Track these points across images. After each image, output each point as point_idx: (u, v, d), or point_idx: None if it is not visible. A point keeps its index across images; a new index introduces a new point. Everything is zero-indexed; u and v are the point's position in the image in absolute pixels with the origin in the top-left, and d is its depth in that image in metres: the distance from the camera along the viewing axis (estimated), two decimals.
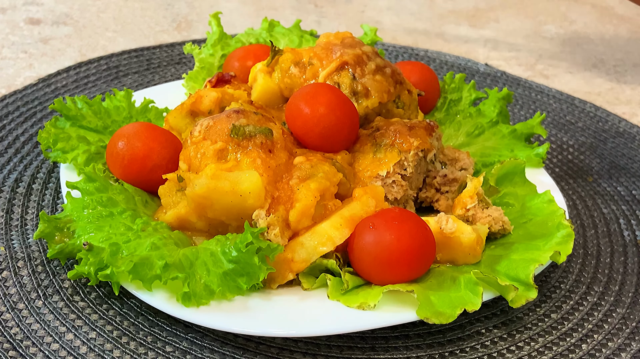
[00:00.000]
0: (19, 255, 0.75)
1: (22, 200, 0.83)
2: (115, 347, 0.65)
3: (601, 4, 1.70)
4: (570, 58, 1.41)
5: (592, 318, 0.75)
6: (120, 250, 0.66)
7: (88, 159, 0.80)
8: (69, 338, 0.66)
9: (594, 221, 0.90)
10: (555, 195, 0.81)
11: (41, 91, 1.07)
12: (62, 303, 0.69)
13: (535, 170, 0.88)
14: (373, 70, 0.84)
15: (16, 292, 0.70)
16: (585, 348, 0.71)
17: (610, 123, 1.15)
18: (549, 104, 1.20)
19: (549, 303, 0.76)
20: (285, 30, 1.11)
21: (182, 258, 0.66)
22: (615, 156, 1.06)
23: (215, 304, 0.64)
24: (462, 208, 0.76)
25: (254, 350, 0.66)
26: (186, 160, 0.74)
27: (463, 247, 0.71)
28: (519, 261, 0.70)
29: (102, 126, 0.86)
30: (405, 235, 0.66)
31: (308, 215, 0.69)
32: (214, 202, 0.69)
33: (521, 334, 0.72)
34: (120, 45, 1.28)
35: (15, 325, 0.66)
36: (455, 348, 0.69)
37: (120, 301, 0.70)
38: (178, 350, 0.66)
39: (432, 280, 0.69)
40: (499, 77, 1.27)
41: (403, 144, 0.78)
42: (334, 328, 0.64)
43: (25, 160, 0.90)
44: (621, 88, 1.30)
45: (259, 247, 0.64)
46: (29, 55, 1.21)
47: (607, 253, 0.85)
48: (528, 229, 0.76)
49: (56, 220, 0.70)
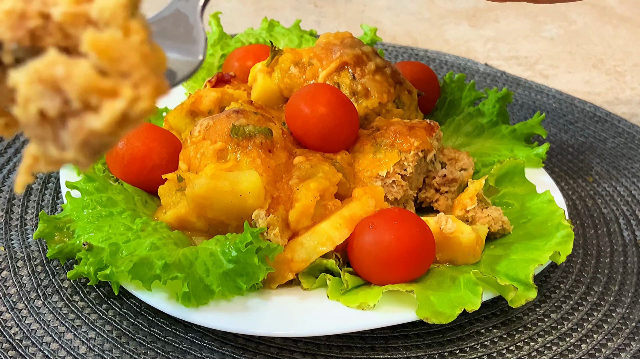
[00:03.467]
0: (18, 254, 0.75)
1: (21, 200, 0.83)
2: (114, 347, 0.65)
3: (601, 4, 1.70)
4: (570, 58, 1.41)
5: (591, 318, 0.75)
6: (119, 249, 0.66)
7: None
8: (68, 338, 0.66)
9: (593, 221, 0.90)
10: (554, 195, 0.81)
11: None
12: (62, 302, 0.69)
13: (535, 170, 0.88)
14: (373, 71, 0.84)
15: (16, 292, 0.70)
16: (585, 348, 0.71)
17: (610, 123, 1.15)
18: (549, 104, 1.20)
19: (549, 303, 0.76)
20: (285, 30, 1.11)
21: (182, 258, 0.66)
22: (615, 156, 1.06)
23: (215, 304, 0.64)
24: (462, 209, 0.76)
25: (253, 350, 0.66)
26: (186, 160, 0.74)
27: (462, 247, 0.71)
28: (518, 261, 0.70)
29: None
30: (405, 235, 0.66)
31: (308, 215, 0.69)
32: (214, 202, 0.69)
33: (521, 334, 0.72)
34: None
35: (15, 325, 0.66)
36: (455, 348, 0.69)
37: (119, 301, 0.70)
38: (177, 350, 0.66)
39: (432, 280, 0.69)
40: (499, 77, 1.27)
41: (403, 144, 0.78)
42: (334, 328, 0.64)
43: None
44: (621, 88, 1.30)
45: (259, 247, 0.64)
46: None
47: (606, 253, 0.85)
48: (528, 229, 0.76)
49: (56, 220, 0.70)
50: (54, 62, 0.31)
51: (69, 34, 0.33)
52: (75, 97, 0.31)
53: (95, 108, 0.31)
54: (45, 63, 0.31)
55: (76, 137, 0.32)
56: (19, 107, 0.32)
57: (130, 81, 0.31)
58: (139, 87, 0.31)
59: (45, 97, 0.31)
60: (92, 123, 0.31)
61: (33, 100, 0.31)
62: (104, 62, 0.31)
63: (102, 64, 0.31)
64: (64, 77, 0.31)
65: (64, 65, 0.31)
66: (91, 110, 0.31)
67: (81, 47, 0.31)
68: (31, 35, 0.33)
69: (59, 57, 0.31)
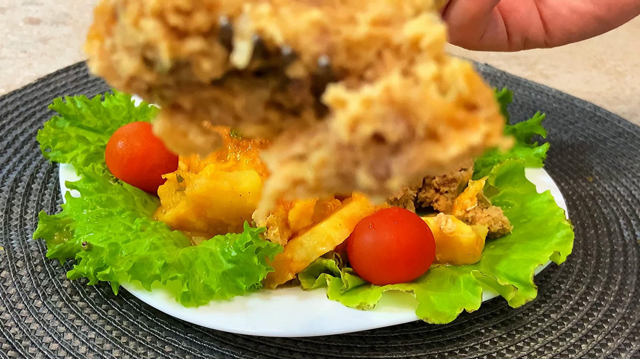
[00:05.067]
0: (18, 254, 0.75)
1: (21, 200, 0.83)
2: (114, 347, 0.65)
3: None
4: (570, 58, 1.41)
5: (591, 318, 0.75)
6: (119, 249, 0.66)
7: (87, 159, 0.80)
8: (68, 338, 0.66)
9: (593, 221, 0.90)
10: (555, 195, 0.81)
11: (40, 91, 1.07)
12: (61, 303, 0.69)
13: (535, 170, 0.88)
14: None
15: (15, 292, 0.70)
16: (585, 348, 0.71)
17: (610, 123, 1.15)
18: (549, 104, 1.20)
19: (549, 303, 0.76)
20: None
21: (182, 258, 0.66)
22: (615, 156, 1.06)
23: (215, 304, 0.64)
24: (462, 210, 0.76)
25: (253, 350, 0.66)
26: (185, 160, 0.74)
27: (462, 247, 0.71)
28: (518, 261, 0.70)
29: (102, 126, 0.86)
30: (405, 235, 0.66)
31: (307, 215, 0.69)
32: (214, 202, 0.69)
33: (521, 335, 0.72)
34: None
35: (15, 325, 0.66)
36: (455, 348, 0.69)
37: (119, 301, 0.70)
38: (177, 350, 0.66)
39: (432, 280, 0.69)
40: (499, 77, 1.27)
41: None
42: (334, 328, 0.64)
43: (24, 160, 0.90)
44: (621, 88, 1.30)
45: (259, 247, 0.64)
46: (28, 55, 1.21)
47: (606, 253, 0.85)
48: (528, 229, 0.76)
49: (55, 220, 0.70)
50: (406, 84, 0.29)
51: (357, 55, 0.31)
52: (425, 125, 0.29)
53: (437, 138, 0.29)
54: (399, 85, 0.29)
55: (413, 166, 0.30)
56: (339, 128, 0.29)
57: (483, 115, 0.29)
58: (492, 123, 0.29)
59: (388, 120, 0.29)
60: (438, 154, 0.29)
61: (370, 121, 0.29)
62: (468, 92, 0.29)
63: (463, 95, 0.29)
64: (417, 103, 0.29)
65: (418, 90, 0.29)
66: (431, 139, 0.29)
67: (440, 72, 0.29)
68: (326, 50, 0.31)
69: (409, 81, 0.29)
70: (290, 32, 0.30)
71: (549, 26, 0.77)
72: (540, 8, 0.78)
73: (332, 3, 0.32)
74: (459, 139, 0.29)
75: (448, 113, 0.29)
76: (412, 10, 0.32)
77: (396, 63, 0.30)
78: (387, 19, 0.31)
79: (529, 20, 0.77)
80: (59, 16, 1.37)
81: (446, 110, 0.29)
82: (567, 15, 0.76)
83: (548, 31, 0.78)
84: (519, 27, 0.78)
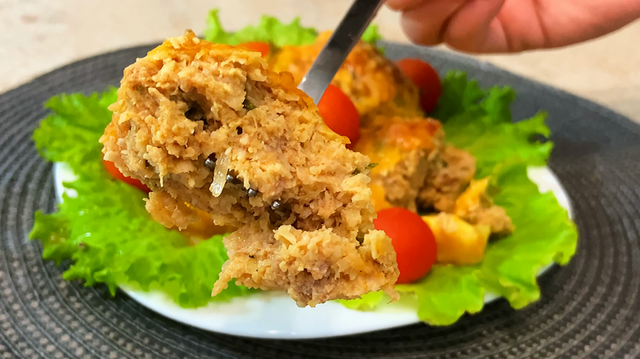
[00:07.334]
0: (14, 255, 0.74)
1: (17, 200, 0.82)
2: (111, 349, 0.64)
3: None
4: (572, 56, 1.40)
5: (595, 320, 0.74)
6: (116, 250, 0.65)
7: (84, 158, 0.79)
8: (64, 340, 0.65)
9: (597, 221, 0.89)
10: (557, 194, 0.80)
11: (37, 89, 1.06)
12: (58, 304, 0.69)
13: (538, 170, 0.87)
14: (373, 69, 0.83)
15: (11, 293, 0.69)
16: (588, 350, 0.70)
17: (614, 122, 1.14)
18: (552, 103, 1.19)
19: (552, 304, 0.75)
20: (284, 28, 1.11)
21: (180, 258, 0.65)
22: (619, 155, 1.05)
23: (213, 305, 0.63)
24: (464, 210, 0.76)
25: (252, 352, 0.66)
26: None
27: (464, 247, 0.70)
28: (521, 261, 0.69)
29: (99, 124, 0.85)
30: (406, 236, 0.66)
31: None
32: None
33: (523, 336, 0.71)
34: (116, 43, 1.27)
35: (10, 326, 0.66)
36: (457, 350, 0.68)
37: (116, 303, 0.69)
38: (175, 352, 0.65)
39: (433, 281, 0.68)
40: (501, 76, 1.26)
41: (404, 143, 0.77)
42: (334, 329, 0.63)
43: (20, 159, 0.89)
44: (624, 87, 1.29)
45: None
46: (24, 53, 1.20)
47: (610, 254, 0.84)
48: (530, 229, 0.75)
49: (52, 220, 0.69)
50: (335, 241, 0.42)
51: (305, 193, 0.44)
52: (341, 271, 0.42)
53: (348, 280, 0.42)
54: (328, 241, 0.41)
55: (326, 296, 0.43)
56: (281, 258, 0.42)
57: (384, 270, 0.43)
58: (389, 277, 0.43)
59: (315, 265, 0.42)
60: (346, 291, 0.42)
61: (302, 262, 0.41)
62: (376, 255, 0.42)
63: (375, 256, 0.42)
64: (338, 257, 0.42)
65: (340, 247, 0.42)
66: (344, 280, 0.43)
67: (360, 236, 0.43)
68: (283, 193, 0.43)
69: (336, 237, 0.42)
70: (255, 179, 0.42)
71: (549, 33, 0.80)
72: (540, 15, 0.80)
73: (294, 147, 0.44)
74: (363, 285, 0.42)
75: (359, 266, 0.42)
76: (352, 168, 0.44)
77: (333, 203, 0.44)
78: (332, 171, 0.44)
79: (529, 28, 0.80)
80: (55, 14, 1.36)
81: (358, 265, 0.42)
82: (567, 24, 0.79)
83: (548, 37, 0.81)
84: (518, 34, 0.81)
